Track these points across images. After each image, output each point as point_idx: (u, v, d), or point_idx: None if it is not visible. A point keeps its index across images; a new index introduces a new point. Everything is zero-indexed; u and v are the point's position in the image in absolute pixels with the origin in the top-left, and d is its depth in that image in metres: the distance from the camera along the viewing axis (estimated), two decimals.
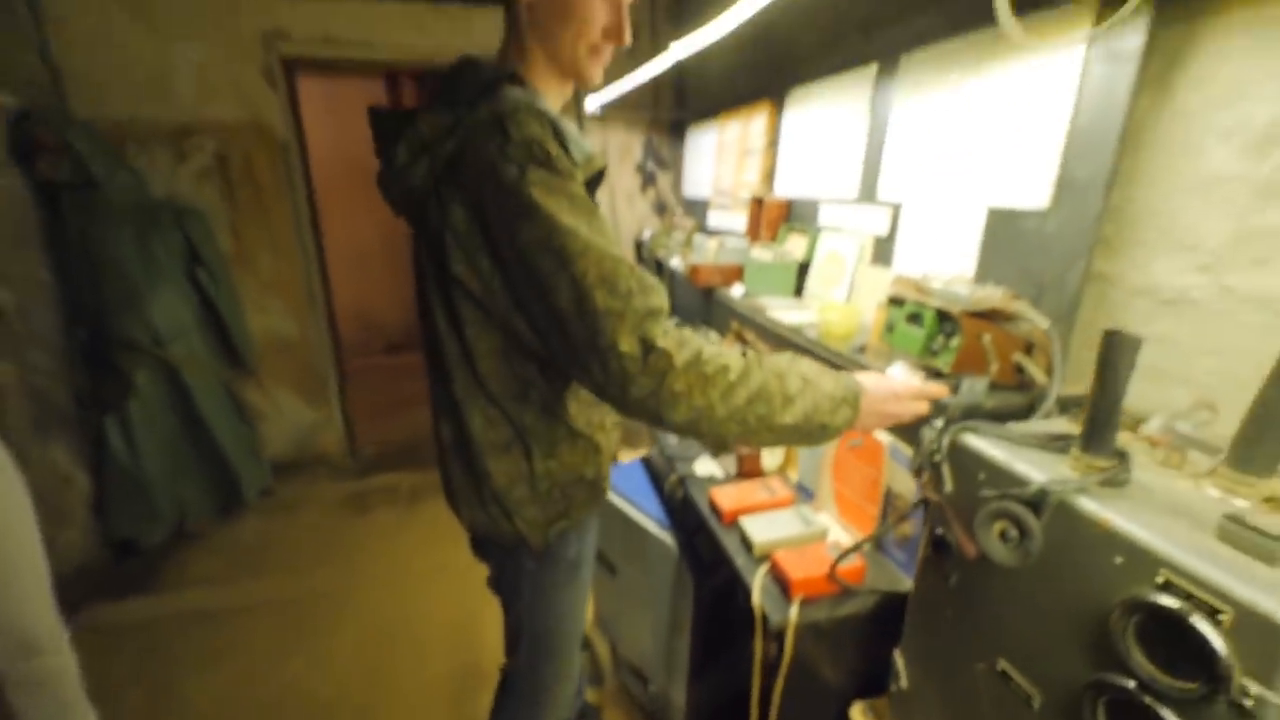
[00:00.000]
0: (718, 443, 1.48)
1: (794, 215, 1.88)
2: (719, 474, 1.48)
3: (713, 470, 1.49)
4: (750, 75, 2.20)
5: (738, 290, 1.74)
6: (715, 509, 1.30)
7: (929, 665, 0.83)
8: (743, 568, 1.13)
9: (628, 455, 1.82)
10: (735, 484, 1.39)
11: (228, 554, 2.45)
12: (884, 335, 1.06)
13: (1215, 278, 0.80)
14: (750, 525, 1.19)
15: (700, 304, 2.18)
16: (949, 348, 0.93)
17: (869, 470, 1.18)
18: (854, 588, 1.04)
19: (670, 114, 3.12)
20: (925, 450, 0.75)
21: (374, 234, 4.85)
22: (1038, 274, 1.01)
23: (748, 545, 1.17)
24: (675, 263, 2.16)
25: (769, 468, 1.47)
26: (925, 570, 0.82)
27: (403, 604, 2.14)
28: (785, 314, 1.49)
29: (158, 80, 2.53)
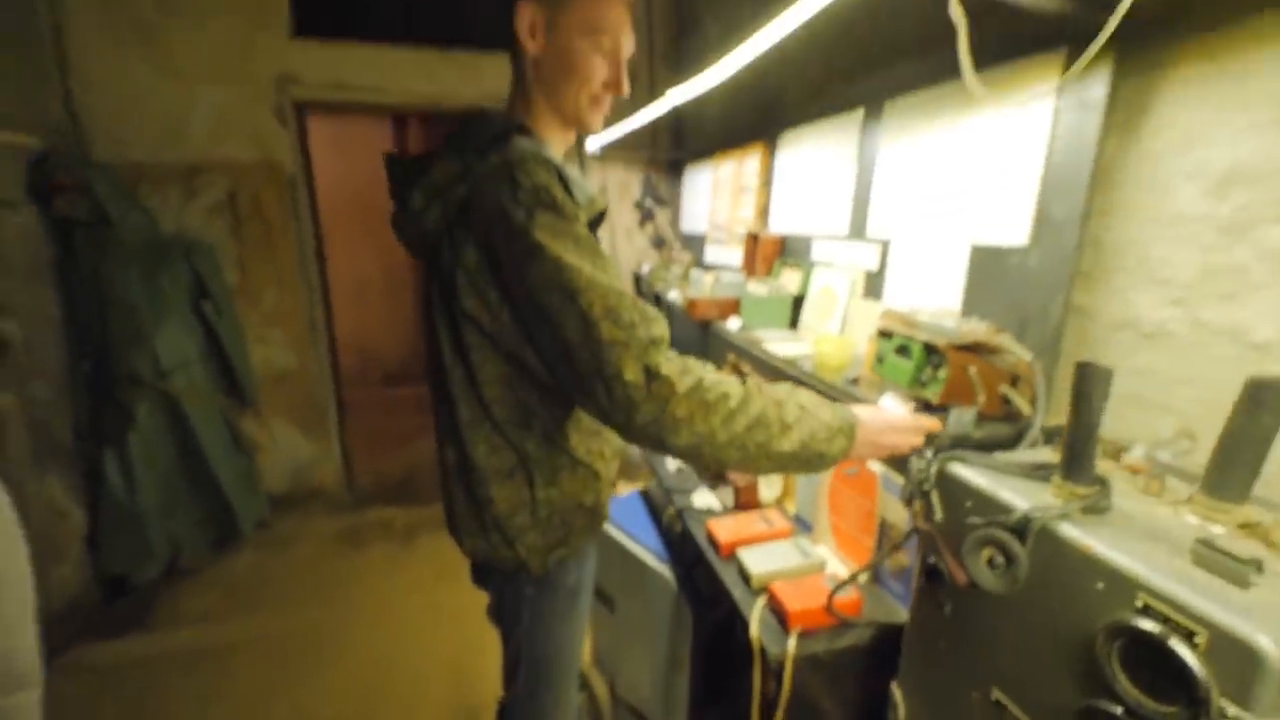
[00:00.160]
0: (719, 469, 1.49)
1: (788, 250, 1.93)
2: (717, 506, 1.48)
3: (711, 502, 1.49)
4: (744, 118, 2.30)
5: (734, 323, 1.78)
6: (713, 541, 1.30)
7: (926, 697, 0.83)
8: (741, 600, 1.13)
9: (626, 488, 1.83)
10: (733, 516, 1.39)
11: (221, 590, 2.42)
12: (874, 367, 1.09)
13: (1189, 311, 0.83)
14: (748, 557, 1.19)
15: (698, 336, 2.22)
16: (937, 379, 0.95)
17: (864, 501, 1.19)
18: (852, 620, 1.04)
19: (667, 154, 3.22)
20: (914, 479, 0.77)
21: (373, 264, 4.94)
22: (1021, 307, 1.05)
23: (745, 577, 1.17)
24: (673, 296, 2.21)
25: (767, 499, 1.48)
26: (920, 600, 0.83)
27: (398, 641, 2.10)
28: (781, 346, 1.52)
29: (174, 123, 2.63)
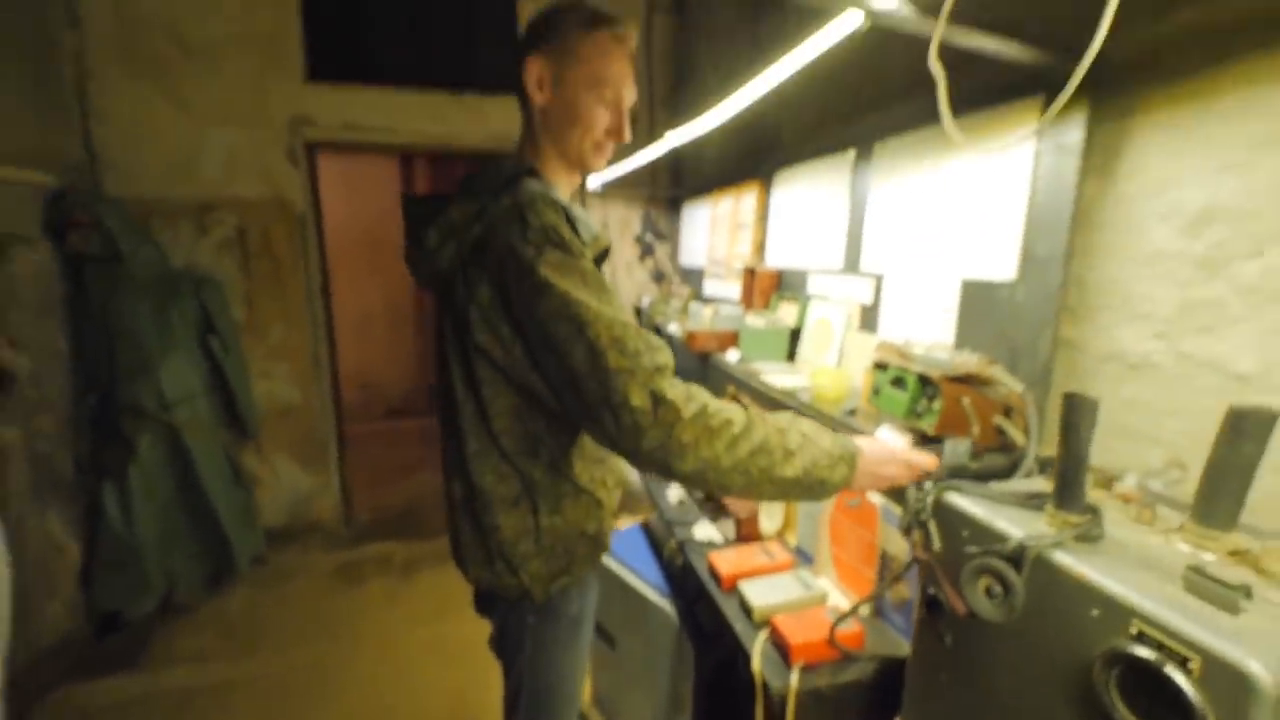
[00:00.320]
0: (723, 494, 1.50)
1: (785, 284, 1.98)
2: (718, 538, 1.48)
3: (712, 535, 1.49)
4: (740, 158, 2.38)
5: (733, 355, 1.81)
6: (714, 574, 1.30)
7: None
8: (742, 633, 1.12)
9: (626, 521, 1.82)
10: (734, 548, 1.39)
11: (216, 627, 2.38)
12: (871, 398, 1.11)
13: (1171, 344, 0.86)
14: (749, 590, 1.19)
15: (697, 368, 2.24)
16: (932, 410, 0.97)
17: (864, 533, 1.19)
18: (854, 653, 1.04)
19: (666, 191, 3.31)
20: (912, 509, 0.78)
21: (378, 298, 5.02)
22: (1011, 340, 1.08)
23: (747, 610, 1.17)
24: (673, 328, 2.24)
25: (768, 531, 1.48)
26: (921, 632, 0.83)
27: (396, 679, 2.06)
28: (779, 378, 1.54)
29: (188, 160, 2.71)
